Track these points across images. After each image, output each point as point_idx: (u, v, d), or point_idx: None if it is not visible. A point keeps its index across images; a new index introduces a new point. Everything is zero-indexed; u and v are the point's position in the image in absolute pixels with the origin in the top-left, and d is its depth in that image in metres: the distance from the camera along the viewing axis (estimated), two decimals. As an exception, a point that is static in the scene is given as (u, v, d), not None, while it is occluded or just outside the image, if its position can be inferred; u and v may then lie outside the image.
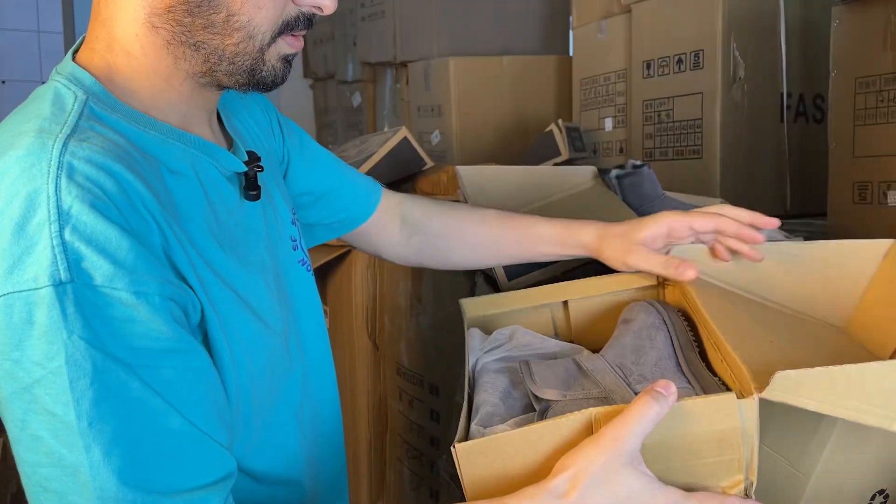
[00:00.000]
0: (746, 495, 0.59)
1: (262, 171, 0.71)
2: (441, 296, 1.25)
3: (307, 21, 0.65)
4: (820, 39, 1.39)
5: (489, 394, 0.68)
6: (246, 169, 0.69)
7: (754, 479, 0.59)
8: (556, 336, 0.87)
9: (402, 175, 1.49)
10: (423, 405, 1.32)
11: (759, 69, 1.38)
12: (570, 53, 1.92)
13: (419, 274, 1.29)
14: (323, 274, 1.55)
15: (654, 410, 0.54)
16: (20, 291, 0.50)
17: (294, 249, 0.76)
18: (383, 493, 1.49)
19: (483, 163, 1.60)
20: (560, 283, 0.86)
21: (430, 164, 1.53)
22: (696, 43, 1.39)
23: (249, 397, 0.63)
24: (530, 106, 2.00)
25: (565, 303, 0.85)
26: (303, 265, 0.77)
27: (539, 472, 0.56)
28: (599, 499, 0.53)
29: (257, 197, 0.69)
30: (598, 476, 0.52)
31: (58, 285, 0.50)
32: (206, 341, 0.59)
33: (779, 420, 0.73)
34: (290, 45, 0.65)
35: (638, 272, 0.84)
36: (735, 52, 1.36)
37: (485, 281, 1.08)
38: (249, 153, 0.72)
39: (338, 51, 2.56)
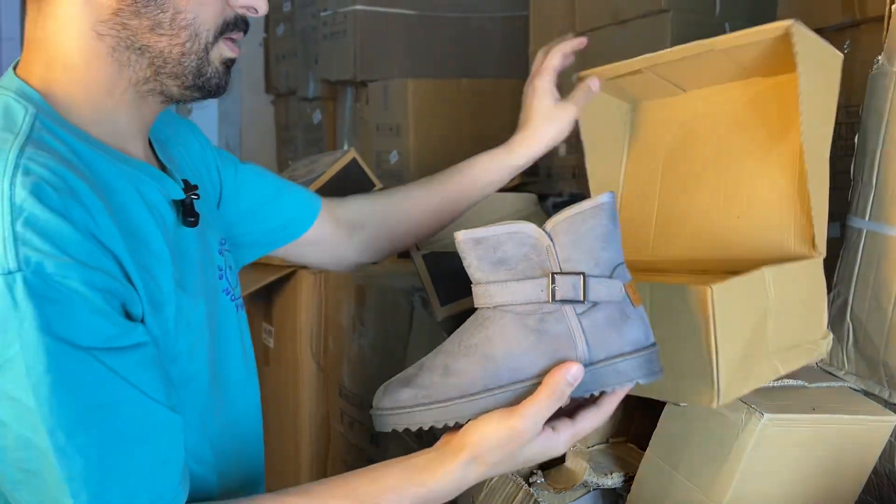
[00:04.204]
0: None
1: (198, 199, 0.72)
2: (383, 317, 1.25)
3: (244, 23, 0.70)
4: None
5: None
6: (184, 196, 0.71)
7: None
8: None
9: (350, 196, 1.48)
10: (363, 427, 1.32)
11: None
12: (528, 78, 1.94)
13: (362, 295, 1.29)
14: (268, 293, 1.54)
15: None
16: None
17: (219, 279, 0.76)
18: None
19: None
20: None
21: (378, 185, 1.53)
22: (644, 72, 1.41)
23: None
24: (488, 129, 2.00)
25: None
26: (227, 294, 0.77)
27: None
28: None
29: (195, 223, 0.70)
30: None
31: (7, 274, 0.52)
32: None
33: (692, 449, 0.74)
34: (230, 48, 0.69)
35: None
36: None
37: (422, 305, 1.09)
38: (184, 181, 0.73)
39: (299, 68, 2.56)
